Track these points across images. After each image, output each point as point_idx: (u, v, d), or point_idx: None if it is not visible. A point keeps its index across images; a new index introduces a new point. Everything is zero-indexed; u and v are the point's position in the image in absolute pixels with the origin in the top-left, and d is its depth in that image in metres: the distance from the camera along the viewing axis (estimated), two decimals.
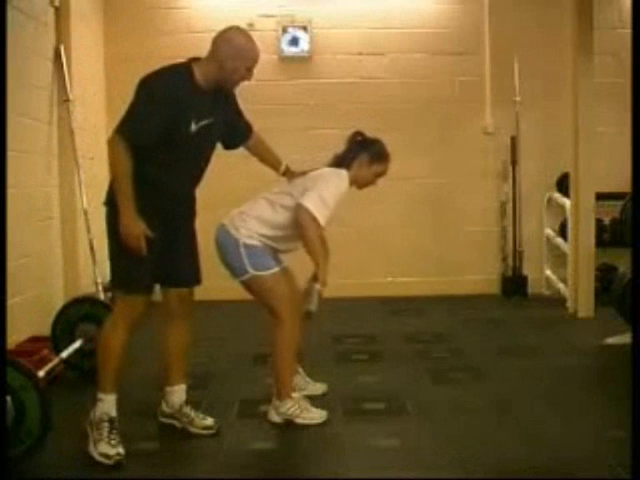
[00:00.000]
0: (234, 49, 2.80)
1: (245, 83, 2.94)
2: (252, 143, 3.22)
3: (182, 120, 2.76)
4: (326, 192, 3.05)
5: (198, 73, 2.81)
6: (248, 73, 2.87)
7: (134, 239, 2.71)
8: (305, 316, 3.08)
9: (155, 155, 2.77)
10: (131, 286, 2.82)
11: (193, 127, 2.78)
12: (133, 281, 2.82)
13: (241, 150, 3.24)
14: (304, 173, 3.24)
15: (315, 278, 3.05)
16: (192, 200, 3.03)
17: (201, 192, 3.03)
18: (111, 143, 2.72)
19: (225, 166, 3.54)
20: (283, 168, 3.28)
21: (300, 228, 3.03)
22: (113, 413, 2.78)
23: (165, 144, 2.76)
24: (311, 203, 3.00)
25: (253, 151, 3.26)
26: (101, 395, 2.80)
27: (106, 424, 2.75)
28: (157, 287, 2.99)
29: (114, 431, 2.75)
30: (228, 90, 2.93)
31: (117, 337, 2.82)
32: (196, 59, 2.86)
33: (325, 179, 3.12)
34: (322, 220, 3.01)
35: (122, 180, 2.71)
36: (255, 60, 2.87)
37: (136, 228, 2.71)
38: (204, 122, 2.81)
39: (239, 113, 3.12)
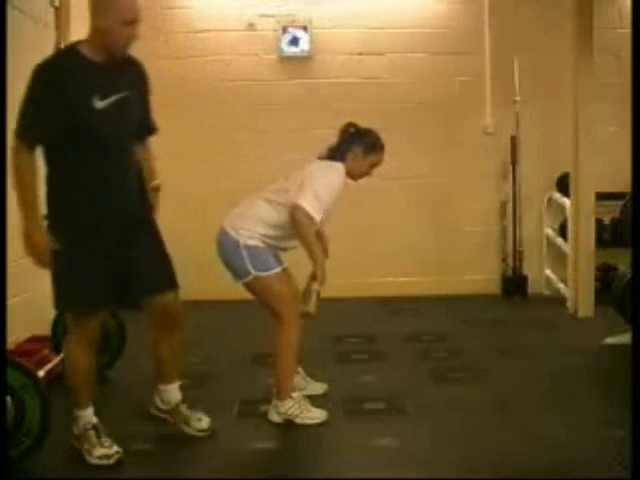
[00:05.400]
0: (102, 6, 2.48)
1: (245, 83, 2.92)
2: (144, 148, 2.89)
3: (80, 98, 2.52)
4: (320, 187, 3.03)
5: (85, 48, 2.57)
6: (130, 28, 2.51)
7: (39, 252, 2.57)
8: (302, 316, 3.06)
9: (73, 152, 2.58)
10: (77, 308, 2.70)
11: (99, 104, 2.53)
12: (77, 303, 2.68)
13: (241, 148, 3.23)
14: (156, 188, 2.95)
15: (314, 277, 3.03)
16: (140, 196, 2.79)
17: (200, 191, 3.02)
18: (13, 149, 2.51)
19: (225, 165, 3.53)
20: (154, 184, 2.93)
21: (295, 227, 3.02)
22: (94, 420, 2.76)
23: (76, 132, 2.54)
24: (304, 200, 2.98)
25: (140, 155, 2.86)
26: (78, 412, 2.76)
27: (92, 432, 2.73)
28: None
29: (102, 434, 2.73)
30: (119, 56, 2.59)
31: (82, 357, 2.74)
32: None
33: (320, 174, 3.09)
34: (316, 216, 3.00)
35: (27, 187, 2.51)
36: (130, 10, 2.50)
37: (41, 239, 2.55)
38: (114, 97, 2.56)
39: (148, 104, 2.83)
